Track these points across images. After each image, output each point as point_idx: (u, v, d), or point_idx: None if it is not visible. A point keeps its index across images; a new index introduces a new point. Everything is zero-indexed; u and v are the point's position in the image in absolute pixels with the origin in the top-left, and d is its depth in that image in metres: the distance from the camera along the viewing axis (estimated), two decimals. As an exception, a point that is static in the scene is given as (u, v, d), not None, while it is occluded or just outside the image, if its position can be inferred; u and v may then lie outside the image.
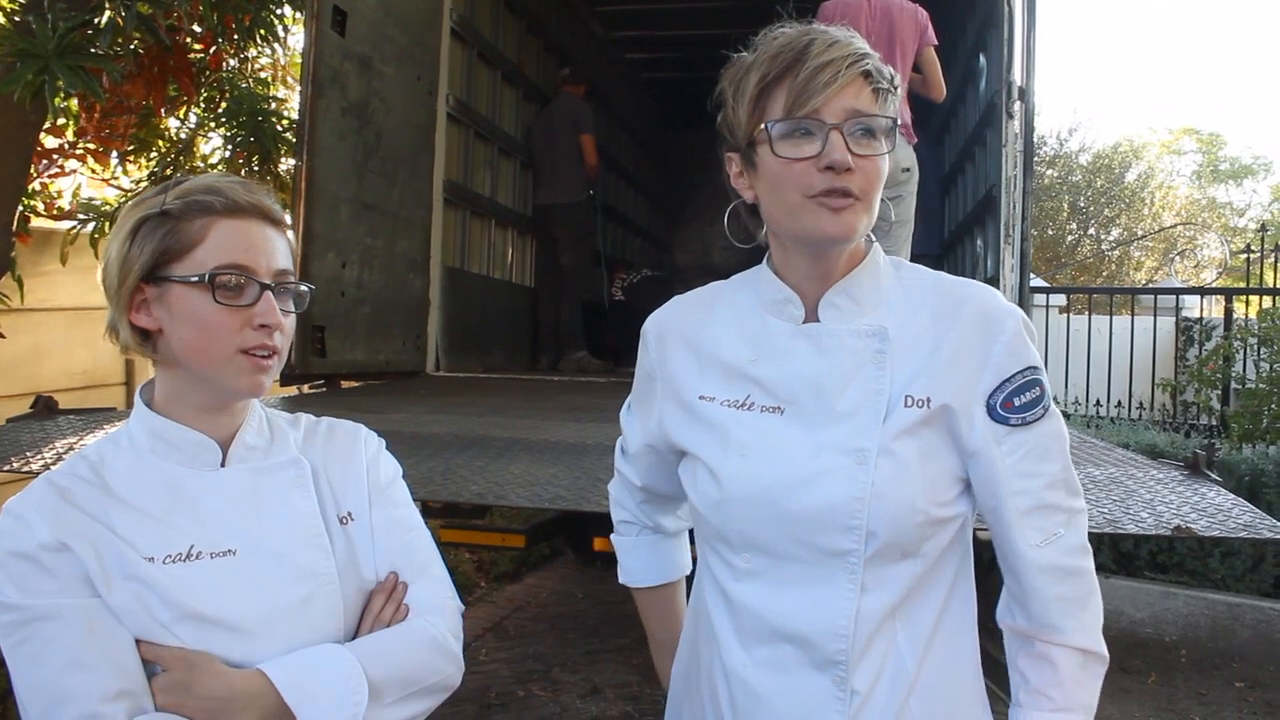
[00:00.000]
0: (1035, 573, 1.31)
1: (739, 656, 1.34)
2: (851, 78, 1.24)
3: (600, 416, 3.72)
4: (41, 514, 1.19)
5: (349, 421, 1.46)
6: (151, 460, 1.27)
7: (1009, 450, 1.29)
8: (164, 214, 1.24)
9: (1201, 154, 24.91)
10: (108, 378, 5.06)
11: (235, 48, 4.89)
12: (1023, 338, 1.30)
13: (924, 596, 1.32)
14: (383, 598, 1.35)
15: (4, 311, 4.02)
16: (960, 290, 1.35)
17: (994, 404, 1.29)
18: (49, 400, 3.20)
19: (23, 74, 3.11)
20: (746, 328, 1.39)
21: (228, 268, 1.23)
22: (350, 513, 1.37)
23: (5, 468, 2.65)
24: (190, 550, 1.23)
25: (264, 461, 1.32)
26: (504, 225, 6.83)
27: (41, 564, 1.17)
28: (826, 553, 1.28)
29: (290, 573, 1.27)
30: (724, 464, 1.35)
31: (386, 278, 4.97)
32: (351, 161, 4.61)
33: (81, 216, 4.64)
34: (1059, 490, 1.31)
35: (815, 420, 1.31)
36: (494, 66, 6.52)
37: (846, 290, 1.34)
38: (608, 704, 4.31)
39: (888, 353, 1.30)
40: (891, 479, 1.27)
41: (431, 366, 5.48)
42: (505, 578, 6.25)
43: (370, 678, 1.24)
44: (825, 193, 1.24)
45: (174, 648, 1.19)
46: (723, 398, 1.37)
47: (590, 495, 2.38)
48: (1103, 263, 18.41)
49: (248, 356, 1.24)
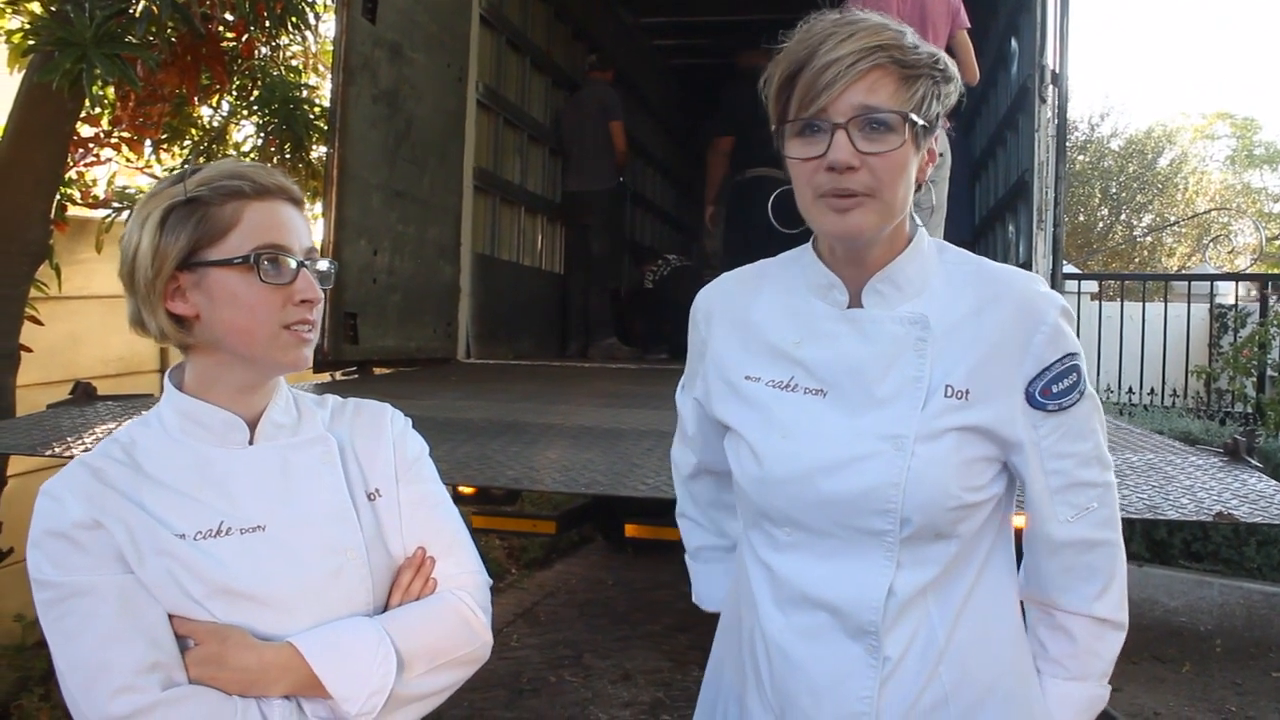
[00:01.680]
0: (1062, 546, 1.37)
1: (777, 622, 1.38)
2: (861, 73, 1.23)
3: (632, 402, 3.72)
4: (75, 494, 1.23)
5: (374, 400, 1.48)
6: (181, 440, 1.30)
7: (1045, 433, 1.33)
8: (192, 201, 1.25)
9: (1236, 139, 24.57)
10: (143, 364, 5.10)
11: (267, 35, 4.89)
12: (1062, 326, 1.32)
13: (957, 570, 1.36)
14: (411, 572, 1.37)
15: (42, 299, 4.06)
16: (1002, 279, 1.36)
17: (1033, 391, 1.32)
18: (88, 386, 3.23)
19: (61, 63, 3.14)
20: (793, 308, 1.41)
21: (267, 247, 1.26)
22: (378, 489, 1.39)
23: (47, 453, 2.68)
24: (220, 526, 1.26)
25: (292, 439, 1.35)
26: (533, 212, 6.83)
27: (76, 542, 1.20)
28: (863, 532, 1.32)
29: (319, 547, 1.30)
30: (766, 444, 1.38)
31: (417, 265, 4.99)
32: (383, 149, 4.63)
33: (116, 205, 4.67)
34: (1092, 467, 1.36)
35: (856, 404, 1.34)
36: (523, 53, 6.52)
37: (889, 277, 1.35)
38: (639, 689, 4.33)
39: (929, 341, 1.32)
40: (927, 466, 1.29)
41: (462, 353, 5.49)
42: (536, 564, 6.28)
43: (399, 650, 1.27)
44: (829, 193, 1.26)
45: (206, 622, 1.22)
46: (768, 378, 1.40)
47: (626, 480, 2.38)
48: (1135, 249, 18.23)
49: (290, 331, 1.27)
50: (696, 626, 5.12)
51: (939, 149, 1.37)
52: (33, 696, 3.76)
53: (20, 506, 4.14)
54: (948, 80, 1.31)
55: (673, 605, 5.49)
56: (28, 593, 3.60)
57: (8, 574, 4.17)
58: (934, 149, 1.33)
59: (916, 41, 1.28)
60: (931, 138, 1.31)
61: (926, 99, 1.27)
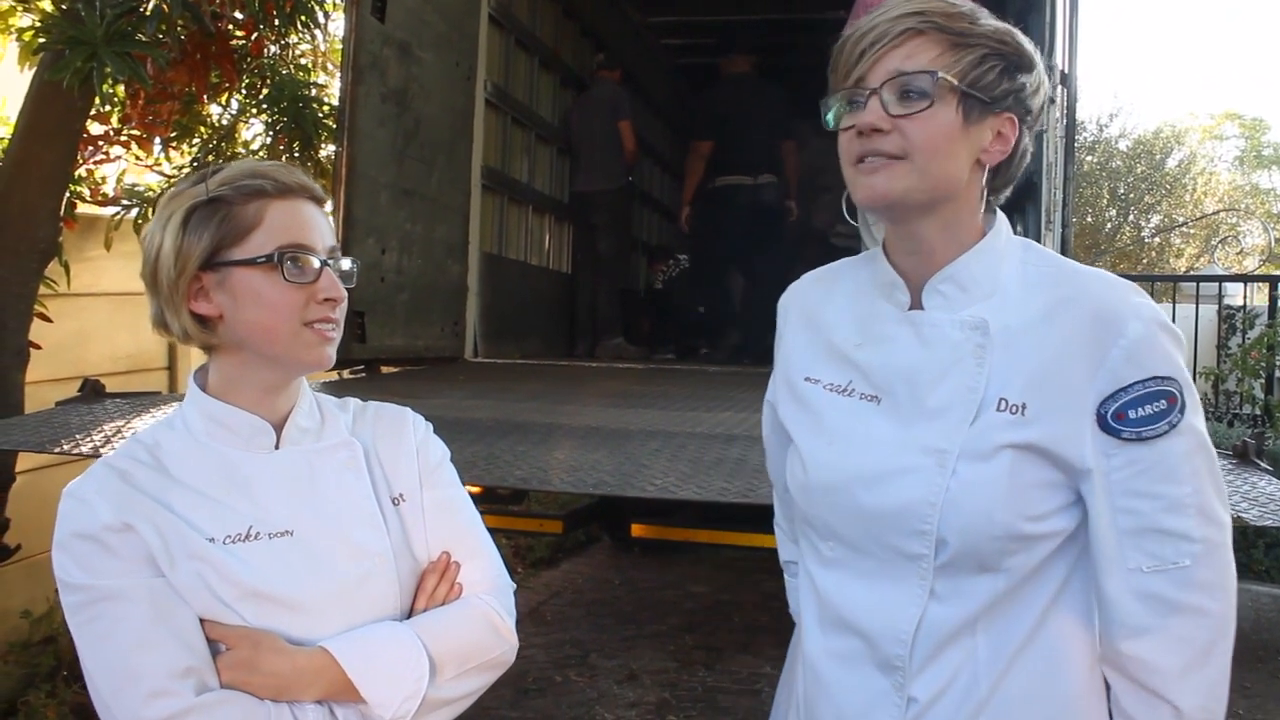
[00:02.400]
0: (1130, 599, 1.17)
1: (816, 642, 1.32)
2: (898, 40, 1.19)
3: (639, 402, 3.72)
4: (103, 495, 1.21)
5: (395, 405, 1.48)
6: (206, 443, 1.29)
7: (1119, 465, 1.17)
8: (215, 201, 1.25)
9: (1244, 139, 24.52)
10: (151, 362, 5.11)
11: (276, 34, 4.90)
12: (1151, 343, 1.17)
13: (1013, 610, 1.22)
14: (436, 577, 1.36)
15: (51, 296, 4.07)
16: (1079, 281, 1.23)
17: (1105, 413, 1.17)
18: (96, 384, 3.24)
19: (72, 61, 3.15)
20: (858, 309, 1.34)
21: (290, 247, 1.25)
22: (401, 494, 1.38)
23: (56, 450, 2.68)
24: (249, 531, 1.25)
25: (316, 444, 1.34)
26: (541, 211, 6.83)
27: (106, 544, 1.19)
28: (899, 553, 1.23)
29: (347, 552, 1.29)
30: (812, 450, 1.32)
31: (425, 263, 4.99)
32: (391, 147, 4.63)
33: (125, 202, 4.68)
34: (1184, 515, 1.16)
35: (907, 414, 1.24)
36: (531, 52, 6.52)
37: (953, 276, 1.25)
38: (645, 690, 4.32)
39: (988, 348, 1.21)
40: (969, 486, 1.19)
41: (470, 352, 5.50)
42: (542, 563, 6.28)
43: (430, 653, 1.27)
44: (859, 156, 1.22)
45: (238, 626, 1.22)
46: (827, 381, 1.34)
47: (634, 480, 2.38)
48: (1143, 250, 18.19)
49: (312, 330, 1.27)
50: (702, 627, 5.13)
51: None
52: (39, 693, 3.77)
53: (28, 503, 4.15)
54: (1020, 61, 1.21)
55: (679, 605, 5.49)
56: (34, 589, 3.62)
57: (13, 570, 4.19)
58: (1006, 133, 1.21)
59: (978, 15, 1.20)
60: (1002, 117, 1.21)
61: (980, 70, 1.18)
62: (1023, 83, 1.21)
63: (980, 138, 1.21)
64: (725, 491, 2.29)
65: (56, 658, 3.99)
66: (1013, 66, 1.20)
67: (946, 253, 1.25)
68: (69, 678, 3.94)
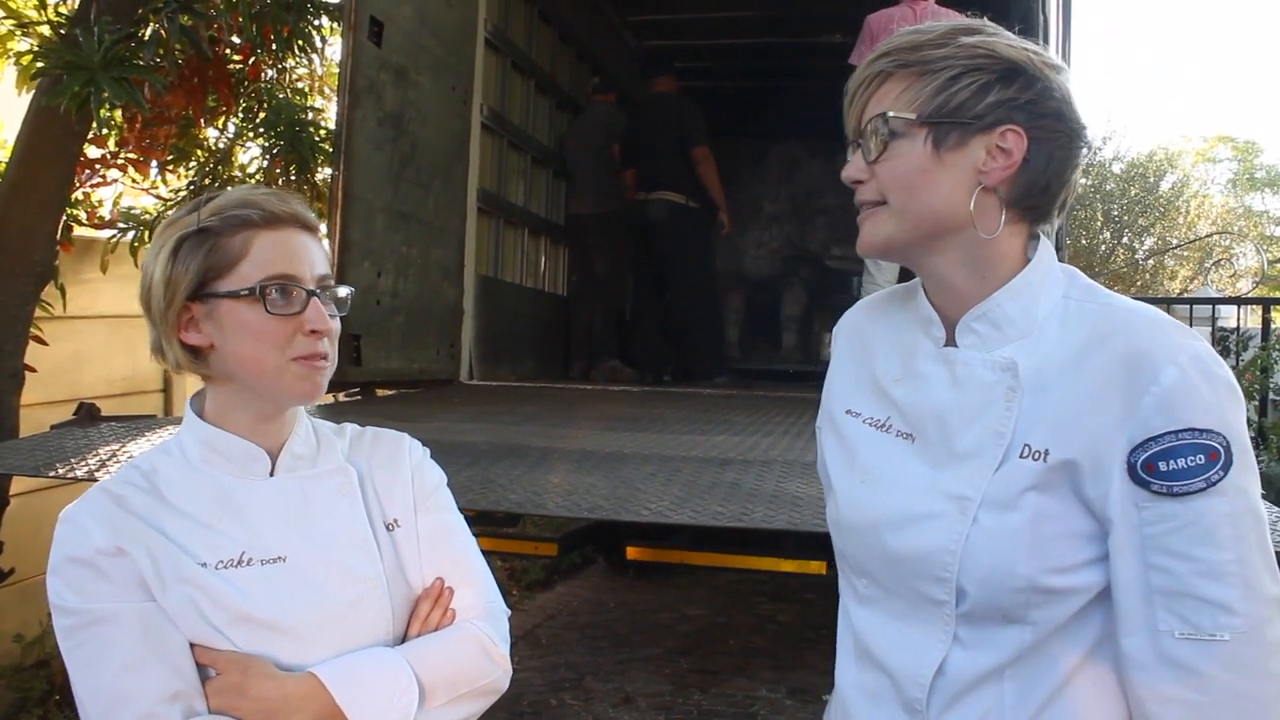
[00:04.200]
0: (1158, 664, 1.09)
1: (849, 675, 1.30)
2: (870, 87, 1.18)
3: (635, 426, 3.72)
4: (98, 520, 1.22)
5: (393, 430, 1.48)
6: (202, 469, 1.29)
7: (1151, 519, 1.08)
8: (203, 231, 1.25)
9: (1237, 162, 24.58)
10: (146, 385, 5.11)
11: (273, 58, 4.93)
12: (1188, 391, 1.07)
13: (1044, 661, 1.16)
14: (429, 603, 1.36)
15: (47, 319, 4.07)
16: (1116, 321, 1.15)
17: (1135, 462, 1.08)
18: (92, 407, 3.23)
19: (69, 86, 3.16)
20: (901, 342, 1.29)
21: (274, 278, 1.25)
22: (396, 519, 1.38)
23: (50, 473, 2.68)
24: (241, 556, 1.25)
25: (311, 470, 1.34)
26: (537, 234, 6.85)
27: (99, 569, 1.19)
28: (924, 598, 1.19)
29: (339, 577, 1.29)
30: (845, 487, 1.30)
31: (421, 286, 5.00)
32: (387, 171, 4.65)
33: (122, 225, 4.69)
34: (1226, 586, 1.06)
35: (937, 455, 1.20)
36: (528, 76, 6.56)
37: (987, 314, 1.19)
38: (640, 713, 4.31)
39: (1018, 391, 1.15)
40: (990, 536, 1.13)
41: (465, 375, 5.50)
42: (537, 586, 6.26)
43: (420, 680, 1.26)
44: (857, 208, 1.22)
45: (228, 651, 1.22)
46: (867, 415, 1.30)
47: (629, 505, 2.38)
48: (1137, 272, 18.23)
49: (299, 363, 1.26)
50: (698, 650, 5.12)
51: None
52: (32, 717, 3.76)
53: (22, 527, 4.14)
54: (1007, 69, 1.14)
55: (674, 628, 5.48)
56: (27, 612, 3.61)
57: (7, 594, 4.17)
58: (1009, 147, 1.14)
59: (953, 36, 1.15)
60: (997, 132, 1.14)
61: (952, 91, 1.14)
62: (1015, 90, 1.14)
63: (970, 160, 1.15)
64: (720, 515, 2.29)
65: (49, 682, 3.97)
66: (998, 77, 1.14)
67: (978, 288, 1.20)
68: (61, 702, 3.92)
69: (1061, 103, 1.16)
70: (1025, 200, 1.17)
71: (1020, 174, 1.15)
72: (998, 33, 1.18)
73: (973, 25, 1.18)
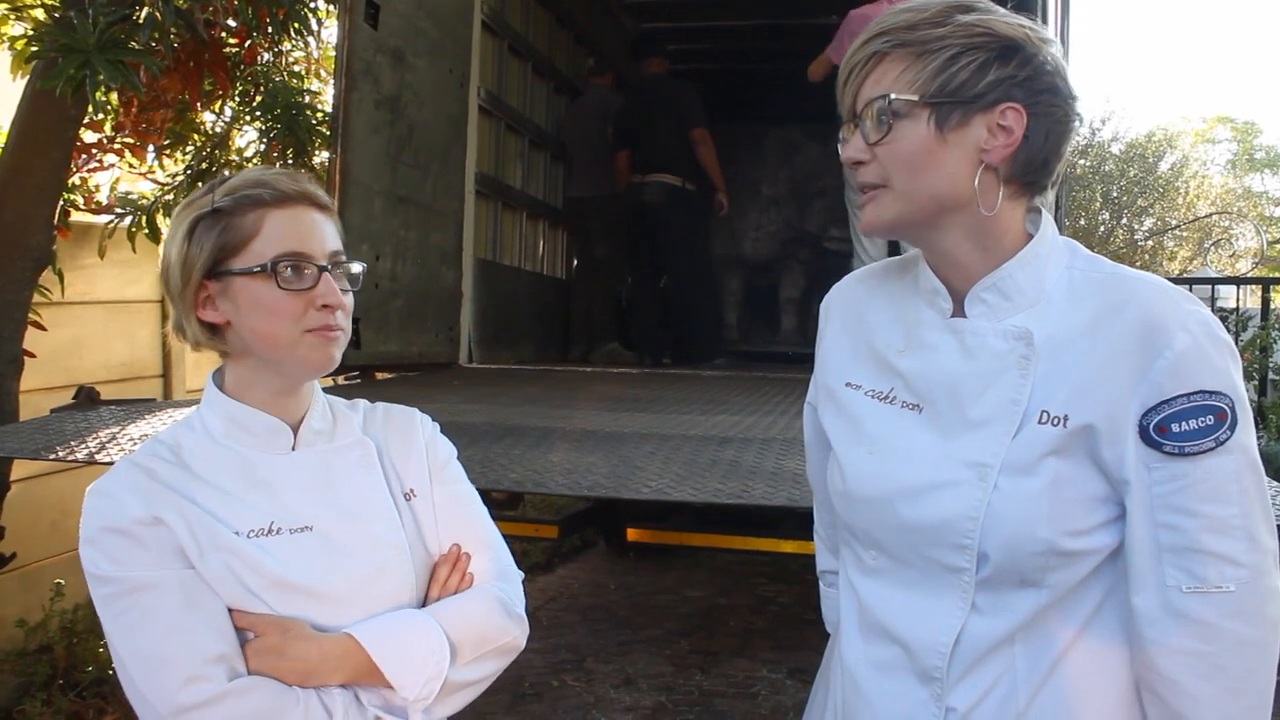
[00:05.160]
0: (1166, 618, 1.14)
1: (855, 650, 1.31)
2: (867, 67, 1.19)
3: (634, 406, 3.72)
4: (132, 491, 1.26)
5: (403, 405, 1.53)
6: (225, 444, 1.35)
7: (1161, 479, 1.13)
8: (216, 212, 1.30)
9: (1236, 143, 24.58)
10: (145, 370, 5.11)
11: (270, 41, 4.91)
12: (1199, 356, 1.12)
13: (1053, 623, 1.20)
14: (447, 567, 1.41)
15: (45, 304, 4.06)
16: (1127, 290, 1.18)
17: (1147, 425, 1.12)
18: (91, 391, 3.23)
19: (64, 69, 3.14)
20: (903, 314, 1.30)
21: (286, 255, 1.29)
22: (413, 489, 1.44)
23: (51, 457, 2.68)
24: (270, 526, 1.30)
25: (330, 444, 1.39)
26: (535, 217, 6.84)
27: (136, 538, 1.24)
28: (940, 566, 1.21)
29: (365, 544, 1.34)
30: (851, 459, 1.31)
31: (420, 270, 4.99)
32: (385, 154, 4.64)
33: (119, 210, 4.68)
34: (1232, 539, 1.12)
35: (948, 425, 1.22)
36: (525, 59, 6.54)
37: (997, 285, 1.21)
38: (641, 694, 4.33)
39: (1033, 359, 1.17)
40: (1011, 501, 1.16)
41: (464, 358, 5.50)
42: (537, 569, 6.28)
43: (450, 638, 1.32)
44: (857, 189, 1.23)
45: (266, 615, 1.27)
46: (868, 387, 1.31)
47: (629, 483, 2.38)
48: (1136, 253, 18.21)
49: (314, 334, 1.31)
50: (698, 631, 5.13)
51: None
52: (35, 701, 3.76)
53: (23, 512, 4.15)
54: (1005, 47, 1.15)
55: (675, 610, 5.49)
56: (30, 598, 3.63)
57: (9, 579, 4.18)
58: (1010, 124, 1.16)
59: (950, 15, 1.17)
60: (998, 110, 1.15)
61: (952, 71, 1.15)
62: (1014, 67, 1.16)
63: (972, 139, 1.16)
64: (719, 493, 2.29)
65: (52, 667, 3.98)
66: (996, 55, 1.15)
67: (983, 262, 1.22)
68: (64, 686, 3.93)
69: (1055, 76, 1.18)
70: (1024, 175, 1.20)
71: (1020, 150, 1.18)
72: (991, 9, 1.19)
73: (966, 2, 1.19)
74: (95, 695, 3.97)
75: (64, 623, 4.18)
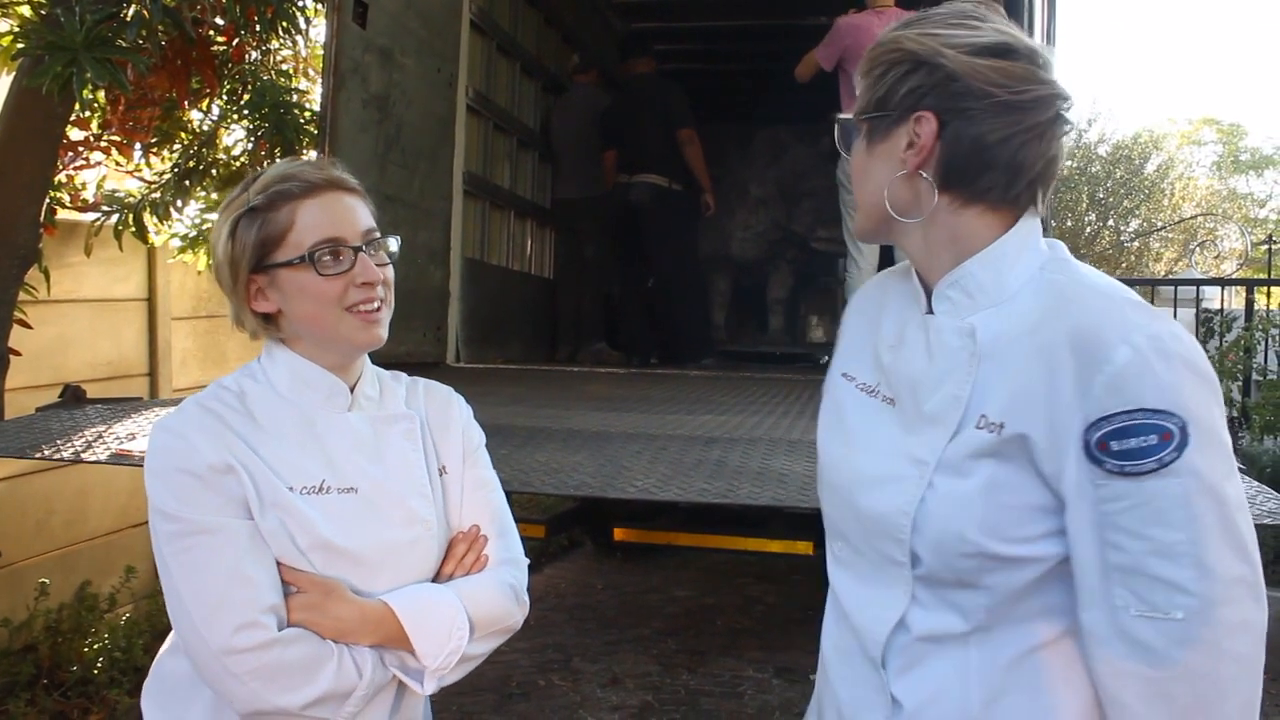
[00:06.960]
0: (1115, 639, 1.09)
1: (830, 637, 1.36)
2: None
3: (621, 406, 3.73)
4: (205, 435, 1.35)
5: (441, 384, 1.62)
6: (288, 397, 1.43)
7: (1107, 497, 1.09)
8: (253, 210, 1.39)
9: (1222, 144, 24.69)
10: (132, 368, 5.08)
11: (257, 40, 4.89)
12: (1142, 372, 1.07)
13: (1010, 628, 1.18)
14: (465, 545, 1.51)
15: (31, 303, 4.05)
16: (1070, 295, 1.16)
17: (1089, 440, 1.08)
18: (77, 389, 3.22)
19: (51, 66, 3.13)
20: (901, 312, 1.33)
21: (322, 243, 1.38)
22: (445, 466, 1.53)
23: (36, 455, 2.68)
24: (321, 484, 1.39)
25: (380, 411, 1.49)
26: (523, 217, 6.84)
27: (208, 483, 1.33)
28: (884, 558, 1.23)
29: (402, 516, 1.44)
30: (828, 448, 1.37)
31: (407, 269, 4.98)
32: (373, 153, 4.63)
33: (105, 208, 4.66)
34: (1179, 565, 1.06)
35: (909, 419, 1.23)
36: (513, 58, 6.53)
37: (958, 282, 1.22)
38: (628, 693, 4.33)
39: (977, 357, 1.17)
40: (944, 501, 1.16)
41: (451, 357, 5.49)
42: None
43: (470, 615, 1.42)
44: None
45: (311, 573, 1.37)
46: (861, 379, 1.35)
47: (615, 482, 2.39)
48: (1122, 254, 18.29)
49: (356, 315, 1.40)
50: (685, 631, 5.14)
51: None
52: (19, 701, 3.75)
53: (6, 510, 4.13)
54: (914, 57, 1.18)
55: (662, 609, 5.50)
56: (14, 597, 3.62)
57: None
58: (921, 131, 1.17)
59: (885, 38, 1.22)
60: (912, 119, 1.18)
61: (880, 86, 1.21)
62: (922, 76, 1.17)
63: (894, 150, 1.21)
64: (705, 492, 2.30)
65: (36, 666, 3.97)
66: (909, 68, 1.18)
67: (952, 263, 1.22)
68: (49, 686, 3.92)
69: (967, 80, 1.16)
70: (962, 180, 1.19)
71: (941, 155, 1.19)
72: (923, 20, 1.21)
73: (910, 18, 1.23)
74: (80, 695, 3.96)
75: (49, 622, 4.16)
